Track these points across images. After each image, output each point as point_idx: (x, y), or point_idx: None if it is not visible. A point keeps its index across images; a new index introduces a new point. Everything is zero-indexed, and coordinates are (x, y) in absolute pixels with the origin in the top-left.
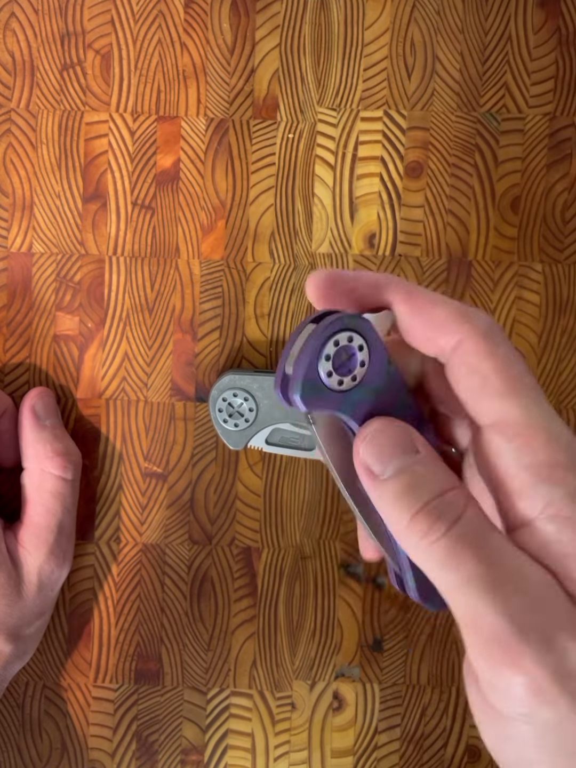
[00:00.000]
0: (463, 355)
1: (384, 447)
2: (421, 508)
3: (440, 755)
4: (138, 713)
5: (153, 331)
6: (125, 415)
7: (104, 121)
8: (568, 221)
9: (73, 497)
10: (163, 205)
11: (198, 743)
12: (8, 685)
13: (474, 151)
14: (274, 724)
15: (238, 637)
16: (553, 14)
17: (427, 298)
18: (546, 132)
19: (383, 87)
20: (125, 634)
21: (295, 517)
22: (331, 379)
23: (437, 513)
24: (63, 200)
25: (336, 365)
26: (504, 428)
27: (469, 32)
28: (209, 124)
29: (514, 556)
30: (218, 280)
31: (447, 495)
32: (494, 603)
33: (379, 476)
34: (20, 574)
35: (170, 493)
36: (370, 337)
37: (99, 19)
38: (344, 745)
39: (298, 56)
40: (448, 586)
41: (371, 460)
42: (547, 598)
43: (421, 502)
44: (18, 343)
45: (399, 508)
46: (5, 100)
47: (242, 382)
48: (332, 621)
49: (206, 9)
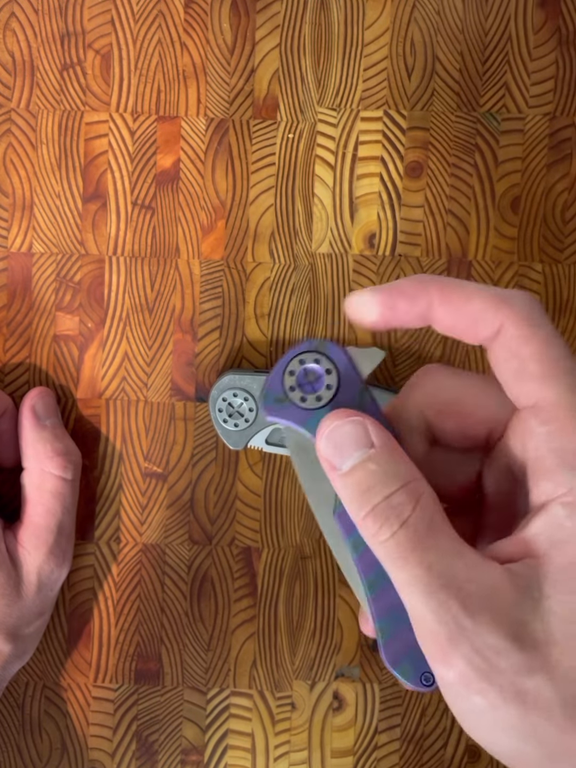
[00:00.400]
0: (503, 341)
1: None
2: (370, 511)
3: (440, 755)
4: (138, 713)
5: (153, 331)
6: (125, 415)
7: (104, 121)
8: (568, 221)
9: (73, 497)
10: (163, 205)
11: (198, 743)
12: (8, 685)
13: (474, 151)
14: (274, 724)
15: (238, 637)
16: (553, 14)
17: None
18: (546, 132)
19: (383, 87)
20: (125, 634)
21: (295, 517)
22: (293, 394)
23: (384, 516)
24: (63, 200)
25: (300, 382)
26: (539, 411)
27: (469, 32)
28: (209, 124)
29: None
30: (218, 280)
31: (394, 497)
32: (429, 606)
33: (337, 470)
34: (20, 573)
35: (170, 493)
36: (338, 363)
37: (99, 19)
38: (344, 745)
39: (298, 56)
40: (397, 582)
41: (330, 454)
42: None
43: (370, 505)
44: (18, 343)
45: (353, 507)
46: (5, 100)
47: (242, 382)
48: (332, 621)
49: (206, 9)
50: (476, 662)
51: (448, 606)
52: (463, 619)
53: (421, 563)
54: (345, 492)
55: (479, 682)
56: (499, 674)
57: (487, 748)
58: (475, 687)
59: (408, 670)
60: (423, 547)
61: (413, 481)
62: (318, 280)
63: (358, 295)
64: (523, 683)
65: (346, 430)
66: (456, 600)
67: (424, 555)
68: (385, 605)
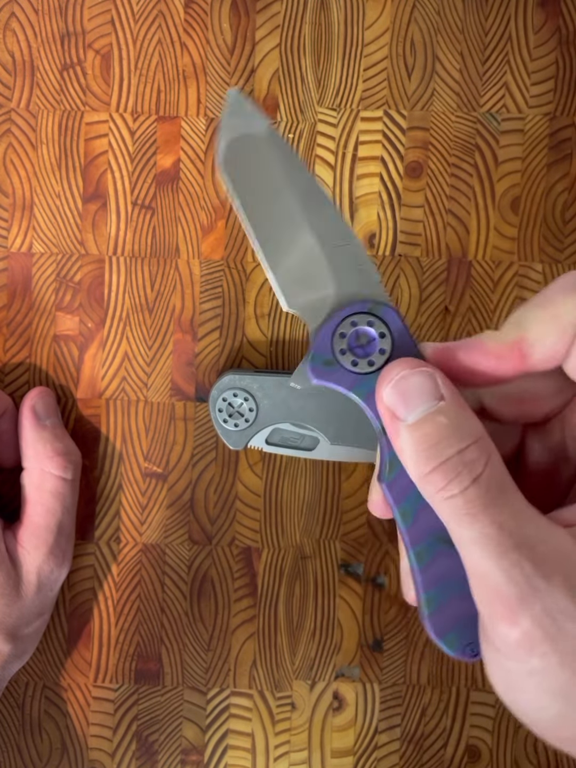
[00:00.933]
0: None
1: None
2: (440, 465)
3: (440, 755)
4: (138, 713)
5: (153, 331)
6: (125, 415)
7: (104, 121)
8: (568, 221)
9: (72, 497)
10: (163, 205)
11: (198, 743)
12: (8, 685)
13: (474, 151)
14: (274, 724)
15: (238, 637)
16: (553, 14)
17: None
18: (546, 132)
19: (383, 87)
20: (125, 634)
21: (295, 517)
22: (344, 357)
23: (455, 471)
24: (63, 200)
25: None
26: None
27: (469, 32)
28: (209, 124)
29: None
30: (218, 280)
31: (467, 452)
32: (503, 566)
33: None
34: (19, 573)
35: (170, 493)
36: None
37: (99, 19)
38: (344, 745)
39: (298, 56)
40: (462, 539)
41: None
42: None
43: (440, 458)
44: (18, 343)
45: (418, 460)
46: (5, 100)
47: (242, 382)
48: (332, 621)
49: (206, 9)
50: (545, 623)
51: (521, 566)
52: (536, 580)
53: (494, 522)
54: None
55: (543, 644)
56: (565, 637)
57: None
58: (539, 649)
59: (453, 640)
60: (495, 505)
61: (483, 438)
62: None
63: None
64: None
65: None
66: (529, 560)
67: (497, 513)
68: (434, 577)
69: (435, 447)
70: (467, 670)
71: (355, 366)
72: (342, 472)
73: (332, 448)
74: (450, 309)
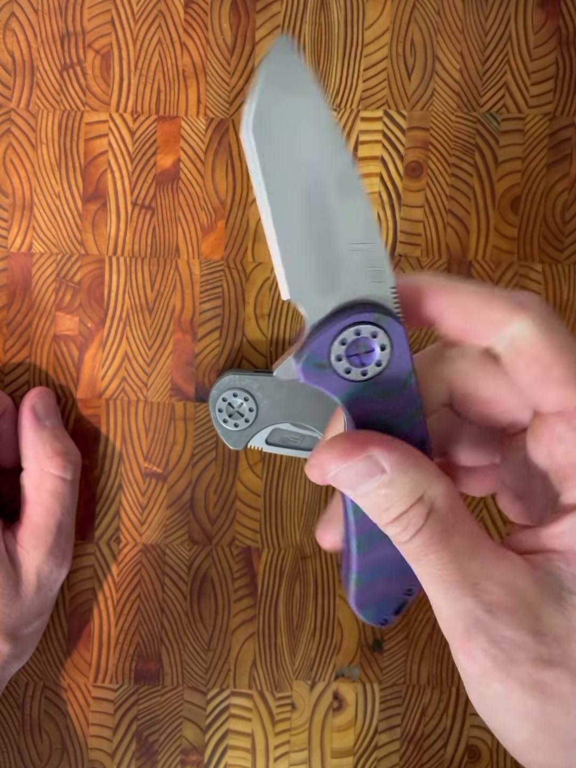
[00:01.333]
0: (521, 347)
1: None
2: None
3: (440, 755)
4: (138, 713)
5: (153, 331)
6: (125, 415)
7: (104, 121)
8: (568, 221)
9: (72, 497)
10: (163, 205)
11: (198, 743)
12: (8, 685)
13: (474, 151)
14: (274, 724)
15: (238, 637)
16: (553, 14)
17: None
18: (546, 132)
19: (383, 87)
20: (125, 634)
21: (295, 517)
22: (339, 364)
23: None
24: (63, 200)
25: (350, 353)
26: (569, 417)
27: (469, 32)
28: (209, 124)
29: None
30: (218, 280)
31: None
32: (449, 601)
33: (353, 492)
34: (19, 573)
35: (170, 493)
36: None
37: (99, 19)
38: (344, 745)
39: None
40: (420, 576)
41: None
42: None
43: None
44: (18, 343)
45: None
46: (5, 100)
47: (242, 382)
48: (332, 621)
49: (206, 9)
50: (494, 654)
51: (464, 602)
52: (479, 614)
53: (438, 562)
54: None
55: (496, 672)
56: (517, 666)
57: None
58: (495, 676)
59: (371, 613)
60: (439, 549)
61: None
62: None
63: None
64: (542, 675)
65: (353, 471)
66: (471, 596)
67: (440, 555)
68: (368, 562)
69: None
70: None
71: (347, 373)
72: None
73: None
74: None
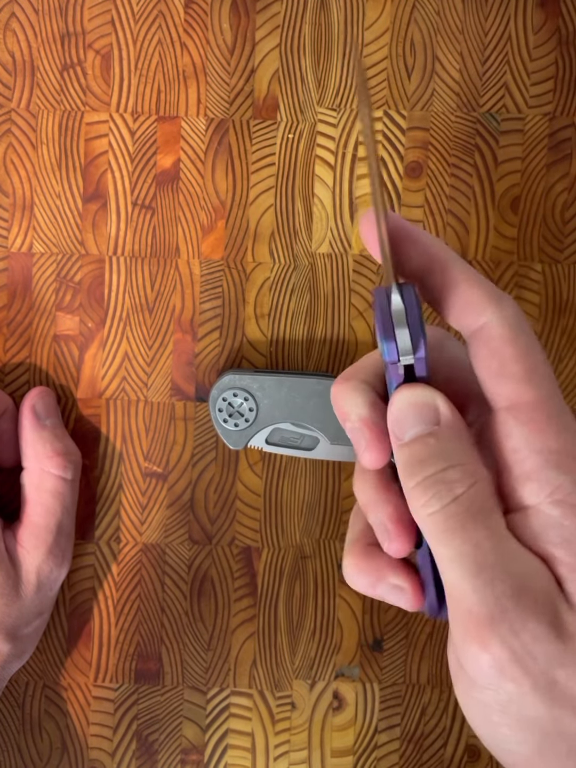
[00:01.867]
0: (487, 338)
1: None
2: (422, 480)
3: (440, 755)
4: (138, 713)
5: (153, 331)
6: (125, 415)
7: (104, 121)
8: (567, 221)
9: (72, 497)
10: (163, 205)
11: (198, 743)
12: (8, 685)
13: (474, 151)
14: (274, 723)
15: (238, 636)
16: (553, 14)
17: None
18: (546, 132)
19: (383, 87)
20: (125, 633)
21: (295, 517)
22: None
23: (436, 488)
24: (63, 200)
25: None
26: (518, 412)
27: (469, 32)
28: (209, 124)
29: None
30: (218, 280)
31: (450, 471)
32: (474, 584)
33: (398, 440)
34: (19, 573)
35: (170, 493)
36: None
37: (99, 20)
38: (344, 744)
39: (298, 56)
40: (440, 557)
41: (393, 425)
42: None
43: (423, 474)
44: (18, 343)
45: (406, 475)
46: (5, 100)
47: (242, 382)
48: (332, 621)
49: (206, 9)
50: (514, 646)
51: (493, 585)
52: (506, 600)
53: (470, 540)
54: (400, 461)
55: (512, 667)
56: (533, 661)
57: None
58: (509, 673)
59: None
60: (473, 524)
61: (472, 464)
62: (318, 280)
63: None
64: (555, 673)
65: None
66: (501, 580)
67: (474, 532)
68: None
69: (420, 464)
70: None
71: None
72: (342, 472)
73: (332, 448)
74: None
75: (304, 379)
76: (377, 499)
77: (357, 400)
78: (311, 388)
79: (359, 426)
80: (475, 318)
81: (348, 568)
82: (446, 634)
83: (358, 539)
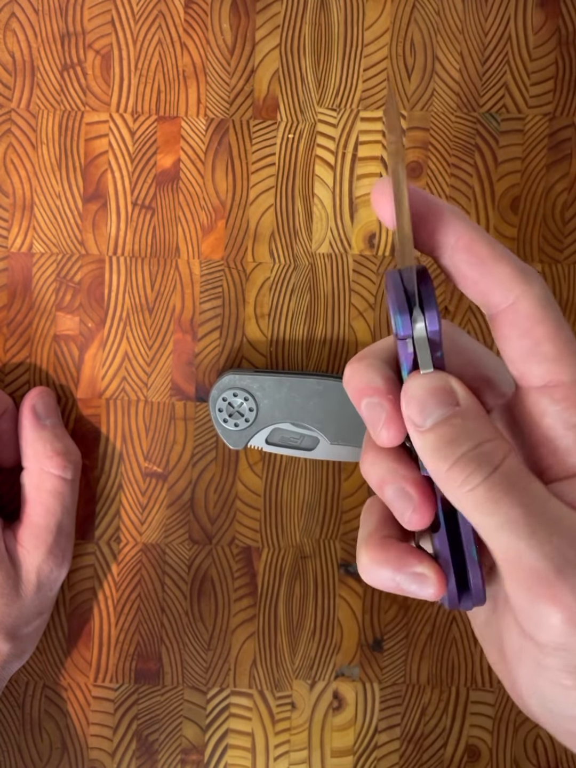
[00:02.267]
0: (517, 317)
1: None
2: (459, 459)
3: (440, 755)
4: (138, 713)
5: (153, 331)
6: (125, 415)
7: (104, 121)
8: (568, 221)
9: (72, 497)
10: (163, 205)
11: (198, 743)
12: (8, 685)
13: (474, 151)
14: (274, 723)
15: (238, 636)
16: (553, 14)
17: (491, 251)
18: (546, 132)
19: (383, 87)
20: (125, 633)
21: (295, 517)
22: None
23: (475, 463)
24: (63, 200)
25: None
26: (552, 391)
27: (469, 32)
28: (209, 124)
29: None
30: (218, 280)
31: (484, 445)
32: (533, 543)
33: (419, 428)
34: (19, 573)
35: (170, 493)
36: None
37: (99, 20)
38: (344, 744)
39: (298, 56)
40: (489, 528)
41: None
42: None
43: (458, 453)
44: (18, 343)
45: (437, 459)
46: (5, 100)
47: (242, 382)
48: (332, 621)
49: (206, 9)
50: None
51: (551, 540)
52: (568, 551)
53: (519, 503)
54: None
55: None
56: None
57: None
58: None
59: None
60: (517, 489)
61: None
62: (318, 280)
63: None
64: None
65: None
66: (559, 535)
67: (520, 496)
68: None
69: (451, 444)
70: (467, 669)
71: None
72: (342, 472)
73: (332, 448)
74: (450, 309)
75: (304, 379)
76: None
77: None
78: (311, 388)
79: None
80: (504, 296)
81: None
82: (446, 634)
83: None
